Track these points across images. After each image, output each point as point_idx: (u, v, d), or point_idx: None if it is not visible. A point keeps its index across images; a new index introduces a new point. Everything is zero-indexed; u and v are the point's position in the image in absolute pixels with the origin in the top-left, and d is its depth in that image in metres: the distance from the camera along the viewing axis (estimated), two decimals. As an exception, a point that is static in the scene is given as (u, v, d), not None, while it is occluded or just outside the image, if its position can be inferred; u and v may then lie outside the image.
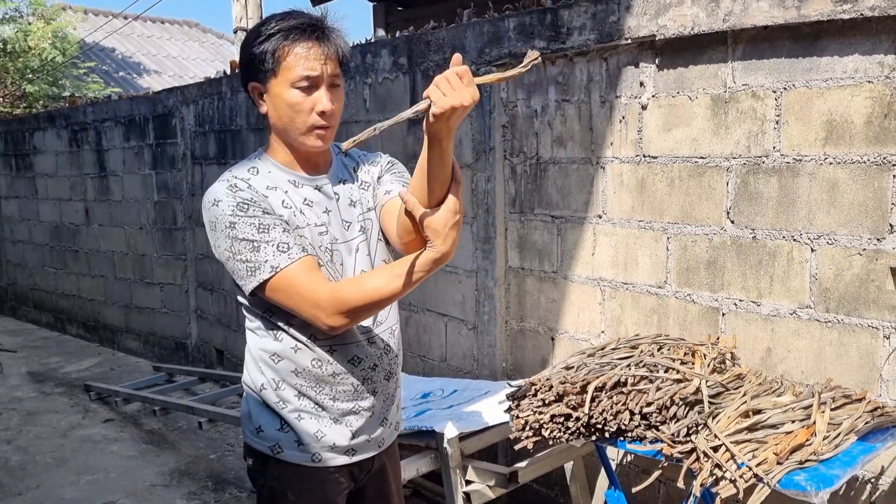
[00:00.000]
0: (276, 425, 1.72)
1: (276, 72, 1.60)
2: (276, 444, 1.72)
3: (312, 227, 1.66)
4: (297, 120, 1.62)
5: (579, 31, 2.92)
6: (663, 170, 2.76)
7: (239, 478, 3.97)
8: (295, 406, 1.71)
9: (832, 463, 1.90)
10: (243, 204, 1.58)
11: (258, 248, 1.57)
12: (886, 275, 2.23)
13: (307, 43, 1.58)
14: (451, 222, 1.48)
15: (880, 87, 2.21)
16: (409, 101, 3.72)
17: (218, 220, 1.59)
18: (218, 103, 5.35)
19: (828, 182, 2.33)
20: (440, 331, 3.71)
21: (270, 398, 1.72)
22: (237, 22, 6.93)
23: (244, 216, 1.57)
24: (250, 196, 1.59)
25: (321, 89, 1.60)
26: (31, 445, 4.50)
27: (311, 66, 1.58)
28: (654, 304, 2.84)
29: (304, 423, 1.71)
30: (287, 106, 1.61)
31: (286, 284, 1.57)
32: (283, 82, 1.60)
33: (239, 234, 1.57)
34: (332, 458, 1.74)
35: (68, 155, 7.13)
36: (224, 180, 1.63)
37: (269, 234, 1.57)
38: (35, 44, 9.83)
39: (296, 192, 1.68)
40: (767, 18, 2.36)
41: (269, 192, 1.64)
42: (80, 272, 7.27)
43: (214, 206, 1.59)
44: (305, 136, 1.64)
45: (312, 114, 1.61)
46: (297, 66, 1.58)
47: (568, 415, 2.17)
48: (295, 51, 1.58)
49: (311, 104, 1.60)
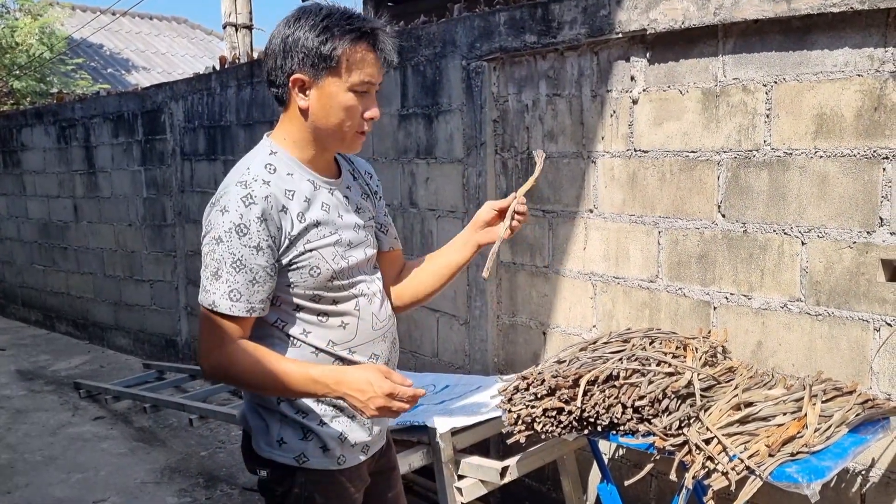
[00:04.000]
0: (300, 435, 1.69)
1: (337, 71, 1.57)
2: (302, 454, 1.68)
3: (330, 237, 1.64)
4: (347, 123, 1.61)
5: (570, 26, 2.91)
6: (654, 164, 2.77)
7: (230, 474, 3.96)
8: (316, 413, 1.69)
9: (823, 455, 1.91)
10: (244, 227, 1.53)
11: (219, 277, 1.55)
12: (877, 267, 2.24)
13: (373, 50, 1.60)
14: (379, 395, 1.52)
15: (870, 81, 2.21)
16: (400, 95, 3.72)
17: (214, 225, 1.56)
18: (207, 99, 5.33)
19: (818, 175, 2.34)
20: (432, 326, 3.71)
21: (289, 410, 1.69)
22: (226, 18, 6.91)
23: (235, 240, 1.53)
24: (260, 213, 1.53)
25: (373, 95, 1.63)
26: (20, 444, 4.47)
27: (374, 73, 1.60)
28: (646, 298, 2.85)
29: (328, 428, 1.70)
30: (341, 107, 1.59)
31: (209, 322, 1.58)
32: (342, 83, 1.58)
33: (217, 251, 1.55)
34: (354, 457, 1.75)
35: (56, 151, 7.08)
36: (240, 182, 1.56)
37: (235, 274, 1.54)
38: (22, 40, 9.76)
39: (315, 194, 1.65)
40: (758, 12, 2.36)
41: (288, 199, 1.59)
42: (69, 269, 7.22)
43: (221, 212, 1.55)
44: (350, 139, 1.65)
45: (362, 119, 1.62)
46: (360, 71, 1.58)
47: (560, 409, 2.17)
48: (362, 55, 1.58)
49: (363, 109, 1.62)
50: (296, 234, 1.59)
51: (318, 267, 1.62)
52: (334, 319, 1.68)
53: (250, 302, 1.56)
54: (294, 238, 1.59)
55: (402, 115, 3.75)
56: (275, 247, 1.57)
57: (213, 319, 1.57)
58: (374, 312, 1.74)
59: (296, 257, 1.60)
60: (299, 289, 1.62)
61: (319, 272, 1.62)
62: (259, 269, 1.55)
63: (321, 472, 1.71)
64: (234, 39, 6.92)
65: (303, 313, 1.65)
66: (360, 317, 1.71)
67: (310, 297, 1.64)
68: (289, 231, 1.58)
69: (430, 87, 3.56)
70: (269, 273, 1.57)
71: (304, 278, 1.61)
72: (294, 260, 1.60)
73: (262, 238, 1.54)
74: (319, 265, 1.62)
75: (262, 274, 1.55)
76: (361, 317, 1.71)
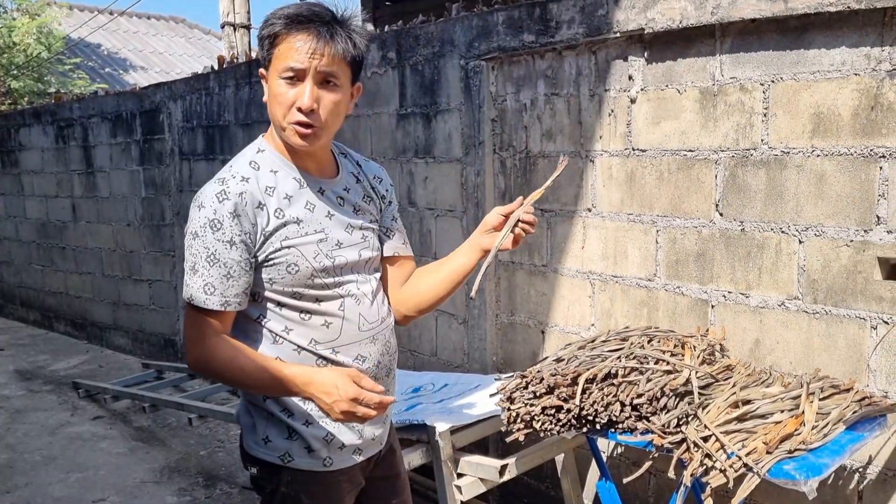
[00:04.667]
0: (284, 434, 1.69)
1: (269, 59, 1.58)
2: (286, 453, 1.69)
3: (311, 236, 1.63)
4: (278, 113, 1.58)
5: (568, 25, 2.92)
6: (652, 163, 2.77)
7: (230, 473, 3.96)
8: (302, 412, 1.68)
9: (821, 452, 1.92)
10: (217, 222, 1.55)
11: (196, 271, 1.58)
12: (873, 266, 2.25)
13: (304, 35, 1.53)
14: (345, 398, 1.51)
15: (867, 80, 2.22)
16: (398, 95, 3.72)
17: (192, 221, 1.59)
18: (206, 99, 5.33)
19: (815, 174, 2.35)
20: (430, 325, 3.72)
21: (275, 408, 1.69)
22: (224, 17, 6.90)
23: (209, 235, 1.55)
24: (232, 209, 1.55)
25: (306, 84, 1.55)
26: (19, 443, 4.47)
27: (300, 58, 1.53)
28: (644, 297, 2.85)
29: (313, 428, 1.69)
30: (271, 96, 1.59)
31: (190, 316, 1.61)
32: (274, 71, 1.57)
33: (194, 246, 1.57)
34: (343, 459, 1.73)
35: (55, 151, 7.08)
36: (219, 179, 1.60)
37: (210, 268, 1.56)
38: (20, 39, 9.75)
39: (300, 193, 1.64)
40: (755, 11, 2.37)
41: (267, 195, 1.60)
42: (68, 269, 7.22)
43: (198, 208, 1.58)
44: (285, 132, 1.60)
45: (292, 109, 1.56)
46: (286, 57, 1.54)
47: (559, 407, 2.18)
48: (288, 40, 1.54)
49: (293, 98, 1.55)
50: (271, 230, 1.59)
51: (297, 264, 1.61)
52: (317, 318, 1.67)
53: (224, 296, 1.57)
54: (269, 234, 1.59)
55: (400, 114, 3.75)
56: (249, 242, 1.57)
57: (194, 313, 1.59)
58: (363, 313, 1.71)
59: (272, 253, 1.59)
60: (278, 285, 1.62)
61: (298, 269, 1.61)
62: (233, 263, 1.56)
63: (307, 473, 1.70)
64: (232, 39, 6.92)
65: (285, 310, 1.65)
66: (346, 317, 1.68)
67: (290, 293, 1.63)
68: (263, 227, 1.58)
69: (429, 87, 3.57)
70: (243, 268, 1.57)
71: (281, 275, 1.61)
72: (270, 256, 1.60)
73: (234, 233, 1.55)
74: (298, 262, 1.61)
75: (236, 268, 1.56)
76: (346, 317, 1.69)
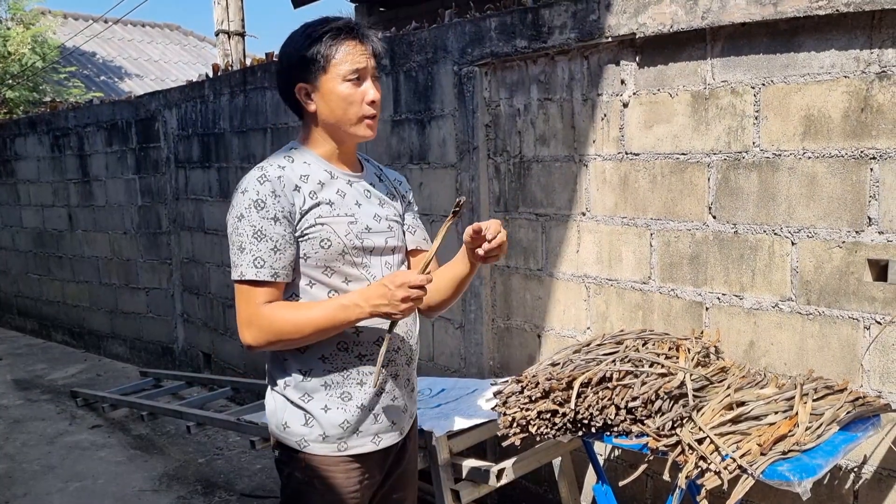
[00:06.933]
0: (301, 420, 1.80)
1: (326, 69, 1.75)
2: (303, 439, 1.80)
3: (343, 217, 1.78)
4: (350, 111, 1.77)
5: (560, 30, 2.94)
6: (645, 166, 2.79)
7: (228, 481, 3.97)
8: (321, 398, 1.78)
9: (815, 453, 1.93)
10: (261, 202, 1.69)
11: (243, 249, 1.71)
12: (865, 267, 2.26)
13: (352, 41, 1.76)
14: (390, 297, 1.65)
15: (857, 82, 2.24)
16: (392, 101, 3.74)
17: (235, 206, 1.73)
18: (201, 107, 5.34)
19: (807, 176, 2.36)
20: (427, 330, 3.72)
21: (293, 395, 1.80)
22: (218, 25, 6.89)
23: (254, 214, 1.69)
24: (272, 189, 1.70)
25: (368, 81, 1.78)
26: (17, 453, 4.47)
27: (358, 59, 1.75)
28: (639, 300, 2.87)
29: (331, 414, 1.79)
30: (340, 99, 1.76)
31: (241, 295, 1.73)
32: (335, 77, 1.75)
33: (239, 227, 1.71)
34: (358, 445, 1.82)
35: (50, 160, 7.08)
36: (258, 167, 1.76)
37: (258, 244, 1.69)
38: (14, 49, 9.74)
39: (331, 182, 1.80)
40: (745, 15, 2.39)
41: (302, 181, 1.75)
42: (65, 278, 7.22)
43: (242, 193, 1.72)
44: (357, 127, 1.79)
45: (363, 104, 1.77)
46: (346, 61, 1.74)
47: (554, 411, 2.19)
48: (343, 48, 1.75)
49: (361, 95, 1.77)
50: (307, 208, 1.74)
51: (329, 239, 1.75)
52: None
53: (273, 268, 1.71)
54: (304, 211, 1.74)
55: (394, 120, 3.76)
56: (290, 217, 1.72)
57: (245, 290, 1.72)
58: None
59: (307, 229, 1.74)
60: (311, 261, 1.75)
61: (330, 244, 1.75)
62: (279, 237, 1.70)
63: (321, 458, 1.80)
64: (226, 47, 6.91)
65: (315, 288, 1.78)
66: None
67: (322, 268, 1.76)
68: (300, 206, 1.74)
69: (423, 93, 3.58)
70: (288, 241, 1.72)
71: (315, 249, 1.74)
72: (305, 231, 1.74)
73: (276, 210, 1.70)
74: (331, 238, 1.75)
75: (282, 242, 1.71)
76: None
